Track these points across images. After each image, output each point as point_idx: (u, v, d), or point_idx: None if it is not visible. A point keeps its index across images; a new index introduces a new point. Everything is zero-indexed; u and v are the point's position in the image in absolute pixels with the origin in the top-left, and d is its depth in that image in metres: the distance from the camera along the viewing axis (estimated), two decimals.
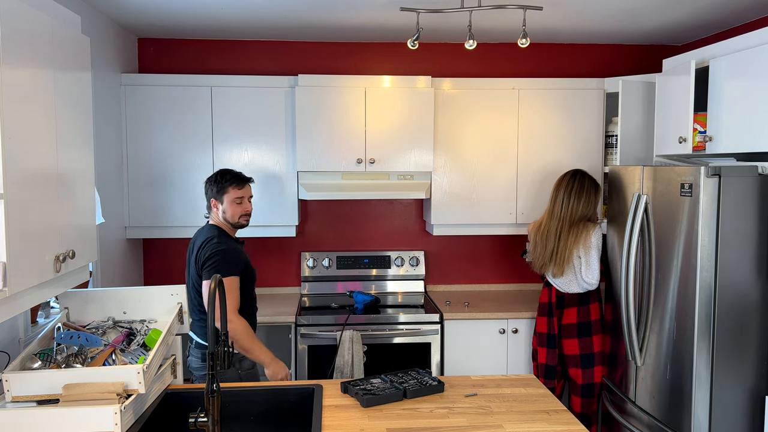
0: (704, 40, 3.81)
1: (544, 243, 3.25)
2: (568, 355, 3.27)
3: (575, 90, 3.78)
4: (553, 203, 3.28)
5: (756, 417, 2.48)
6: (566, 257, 3.20)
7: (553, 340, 3.29)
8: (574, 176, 3.27)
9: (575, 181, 3.25)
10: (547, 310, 3.31)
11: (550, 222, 3.26)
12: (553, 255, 3.22)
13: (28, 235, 1.69)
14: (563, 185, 3.27)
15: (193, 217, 3.66)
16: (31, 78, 1.74)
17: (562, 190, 3.25)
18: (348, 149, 3.65)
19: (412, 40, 3.07)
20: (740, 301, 2.46)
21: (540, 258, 3.28)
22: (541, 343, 3.33)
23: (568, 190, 3.24)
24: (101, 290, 2.39)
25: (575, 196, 3.23)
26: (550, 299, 3.31)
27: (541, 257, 3.27)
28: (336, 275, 4.04)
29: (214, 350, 1.78)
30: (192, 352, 2.76)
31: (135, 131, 3.61)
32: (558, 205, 3.25)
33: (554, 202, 3.27)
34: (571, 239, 3.20)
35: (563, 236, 3.21)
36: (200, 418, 1.77)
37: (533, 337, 3.46)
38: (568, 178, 3.28)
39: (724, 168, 2.43)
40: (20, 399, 1.90)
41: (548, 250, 3.24)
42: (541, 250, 3.26)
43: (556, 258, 3.22)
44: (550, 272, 3.28)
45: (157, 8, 3.21)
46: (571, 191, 3.23)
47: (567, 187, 3.25)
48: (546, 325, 3.31)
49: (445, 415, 2.09)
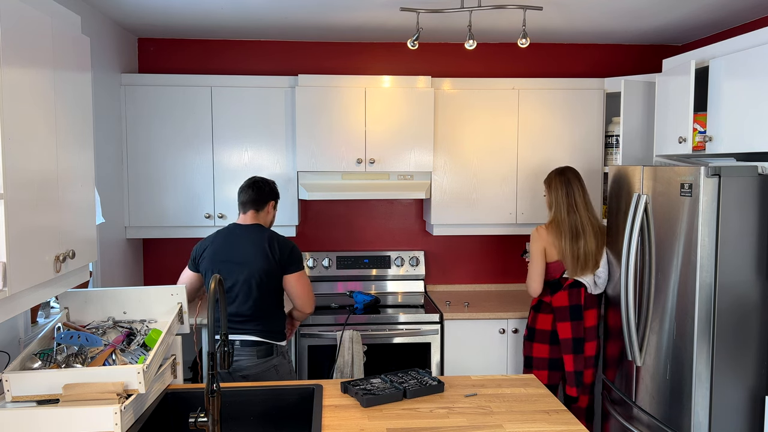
0: (704, 40, 3.81)
1: (593, 242, 3.09)
2: (587, 357, 3.17)
3: (575, 90, 3.78)
4: (579, 198, 3.13)
5: (756, 417, 2.48)
6: (601, 251, 3.13)
7: (581, 344, 3.13)
8: (572, 171, 3.22)
9: (578, 175, 3.20)
10: (570, 314, 3.11)
11: (589, 218, 3.12)
12: (598, 250, 3.11)
13: (28, 235, 1.69)
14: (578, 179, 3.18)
15: (192, 217, 3.66)
16: (31, 78, 1.74)
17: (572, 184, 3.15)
18: (348, 149, 3.65)
19: (412, 40, 3.07)
20: (740, 301, 2.46)
21: (591, 258, 3.09)
22: (567, 350, 3.12)
23: (582, 183, 3.17)
24: (101, 290, 2.39)
25: (583, 188, 3.18)
26: (578, 301, 3.12)
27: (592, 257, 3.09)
28: (336, 275, 4.04)
29: (213, 350, 1.78)
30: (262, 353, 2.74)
31: (135, 131, 3.61)
32: (586, 200, 3.15)
33: (572, 197, 3.13)
34: (603, 232, 3.15)
35: (601, 228, 3.14)
36: (200, 418, 1.77)
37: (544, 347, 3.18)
38: (570, 173, 3.20)
39: (724, 168, 2.43)
40: (20, 399, 1.90)
41: (595, 244, 3.10)
42: (593, 249, 3.09)
43: (599, 253, 3.11)
44: (590, 270, 3.11)
45: (157, 8, 3.21)
46: (581, 182, 3.17)
47: (574, 180, 3.16)
48: (570, 329, 3.11)
49: (445, 415, 2.09)
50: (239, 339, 2.74)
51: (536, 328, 3.21)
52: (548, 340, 3.18)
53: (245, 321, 2.75)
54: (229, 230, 2.88)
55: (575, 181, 3.18)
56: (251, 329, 2.74)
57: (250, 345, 2.74)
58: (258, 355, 2.73)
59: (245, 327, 2.75)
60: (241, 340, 2.74)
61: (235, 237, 2.83)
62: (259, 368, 2.73)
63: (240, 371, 2.72)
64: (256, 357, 2.73)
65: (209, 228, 3.65)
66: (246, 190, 2.90)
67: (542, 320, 3.20)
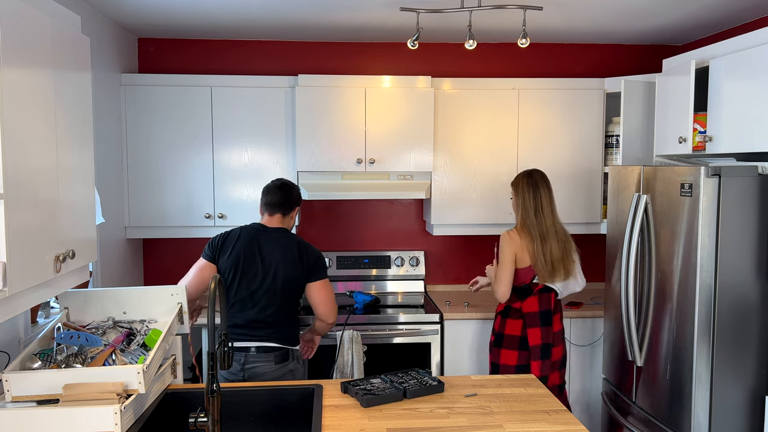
0: (704, 40, 3.81)
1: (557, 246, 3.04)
2: (554, 361, 3.11)
3: (575, 90, 3.78)
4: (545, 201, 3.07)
5: (756, 417, 2.48)
6: (571, 258, 3.08)
7: (548, 349, 3.06)
8: (540, 173, 3.13)
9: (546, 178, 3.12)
10: (540, 319, 3.05)
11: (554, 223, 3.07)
12: (564, 255, 3.06)
13: (28, 235, 1.69)
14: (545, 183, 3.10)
15: (193, 217, 3.66)
16: (31, 78, 1.74)
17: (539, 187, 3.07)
18: (348, 149, 3.65)
19: (412, 40, 3.07)
20: (740, 301, 2.46)
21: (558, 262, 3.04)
22: (536, 356, 3.03)
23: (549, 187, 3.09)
24: (101, 290, 2.39)
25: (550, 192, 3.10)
26: (548, 306, 3.08)
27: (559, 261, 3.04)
28: (336, 275, 4.04)
29: (213, 350, 1.78)
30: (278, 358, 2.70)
31: (135, 131, 3.61)
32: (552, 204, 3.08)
33: (546, 200, 3.07)
34: (569, 238, 3.12)
35: (566, 234, 3.10)
36: (200, 418, 1.77)
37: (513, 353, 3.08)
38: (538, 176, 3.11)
39: (724, 168, 2.43)
40: (20, 399, 1.90)
41: (560, 250, 3.05)
42: (559, 254, 3.04)
43: (566, 259, 3.06)
44: (560, 276, 3.07)
45: (157, 8, 3.21)
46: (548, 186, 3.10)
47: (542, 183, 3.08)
48: (540, 335, 3.04)
49: (445, 415, 2.09)
50: (255, 345, 2.67)
51: (505, 334, 3.09)
52: (517, 345, 3.07)
53: (263, 327, 2.68)
54: (256, 230, 2.77)
55: (543, 184, 3.09)
56: (269, 335, 2.68)
57: (267, 351, 2.67)
58: (275, 361, 2.68)
59: (262, 333, 2.68)
60: (257, 347, 2.67)
61: (263, 240, 2.73)
62: (276, 374, 2.68)
63: (257, 377, 2.66)
64: (273, 363, 2.67)
65: (209, 228, 3.66)
66: (275, 191, 2.81)
67: (511, 326, 3.09)
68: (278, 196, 2.80)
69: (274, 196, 2.81)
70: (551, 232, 3.05)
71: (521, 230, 3.10)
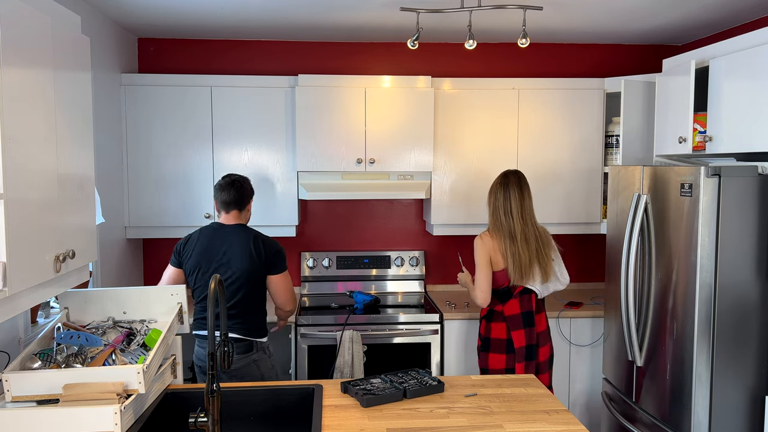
0: (704, 40, 3.81)
1: (526, 247, 3.00)
2: (541, 362, 3.09)
3: (575, 90, 3.78)
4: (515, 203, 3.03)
5: (756, 417, 2.48)
6: (548, 258, 3.06)
7: (533, 350, 3.04)
8: (515, 174, 3.09)
9: (521, 180, 3.08)
10: (523, 321, 3.01)
11: (523, 224, 3.02)
12: (539, 257, 3.03)
13: (28, 235, 1.69)
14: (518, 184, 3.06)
15: (193, 217, 3.66)
16: (31, 78, 1.74)
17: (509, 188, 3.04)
18: (348, 149, 3.65)
19: (412, 40, 3.07)
20: (740, 301, 2.46)
21: (526, 265, 3.00)
22: (521, 358, 3.01)
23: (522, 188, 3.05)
24: (101, 290, 2.39)
25: (529, 194, 3.07)
26: (530, 307, 3.04)
27: (527, 264, 3.00)
28: (336, 275, 4.04)
29: (213, 350, 1.78)
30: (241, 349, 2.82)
31: (135, 131, 3.61)
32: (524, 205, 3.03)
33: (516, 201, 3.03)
34: (545, 239, 3.08)
35: (540, 236, 3.05)
36: (200, 418, 1.77)
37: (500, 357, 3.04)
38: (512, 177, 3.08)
39: (724, 168, 2.43)
40: (20, 399, 1.90)
41: (533, 254, 3.01)
42: (528, 256, 3.00)
43: (542, 260, 3.03)
44: (537, 278, 3.04)
45: (157, 8, 3.21)
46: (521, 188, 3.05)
47: (513, 185, 3.04)
48: (524, 337, 3.01)
49: (445, 415, 2.09)
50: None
51: (491, 338, 3.06)
52: (504, 349, 3.04)
53: (228, 318, 2.79)
54: (213, 229, 2.90)
55: (514, 185, 3.05)
56: (233, 326, 2.81)
57: (231, 342, 2.79)
58: (238, 351, 2.80)
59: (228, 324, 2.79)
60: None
61: (221, 237, 2.86)
62: (239, 363, 2.80)
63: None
64: (236, 353, 2.81)
65: None
66: (228, 189, 2.89)
67: (497, 329, 3.05)
68: (231, 194, 2.89)
69: (228, 194, 2.89)
70: (519, 234, 3.00)
71: (493, 232, 3.07)
